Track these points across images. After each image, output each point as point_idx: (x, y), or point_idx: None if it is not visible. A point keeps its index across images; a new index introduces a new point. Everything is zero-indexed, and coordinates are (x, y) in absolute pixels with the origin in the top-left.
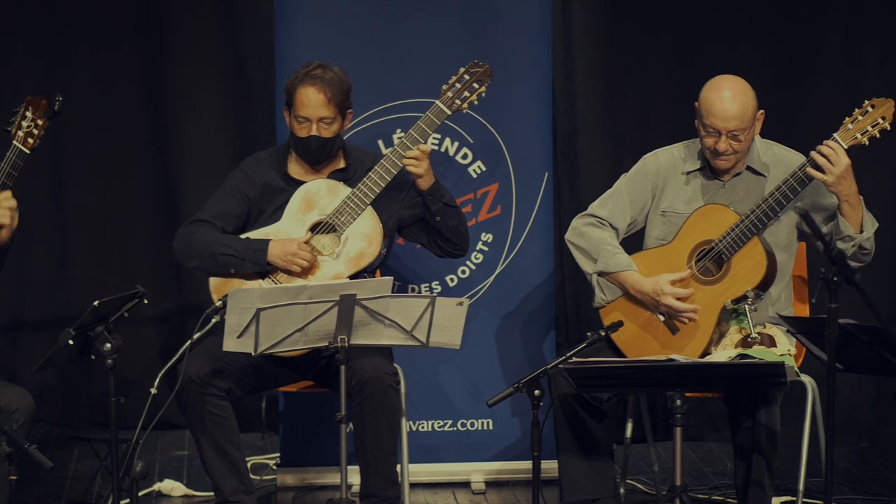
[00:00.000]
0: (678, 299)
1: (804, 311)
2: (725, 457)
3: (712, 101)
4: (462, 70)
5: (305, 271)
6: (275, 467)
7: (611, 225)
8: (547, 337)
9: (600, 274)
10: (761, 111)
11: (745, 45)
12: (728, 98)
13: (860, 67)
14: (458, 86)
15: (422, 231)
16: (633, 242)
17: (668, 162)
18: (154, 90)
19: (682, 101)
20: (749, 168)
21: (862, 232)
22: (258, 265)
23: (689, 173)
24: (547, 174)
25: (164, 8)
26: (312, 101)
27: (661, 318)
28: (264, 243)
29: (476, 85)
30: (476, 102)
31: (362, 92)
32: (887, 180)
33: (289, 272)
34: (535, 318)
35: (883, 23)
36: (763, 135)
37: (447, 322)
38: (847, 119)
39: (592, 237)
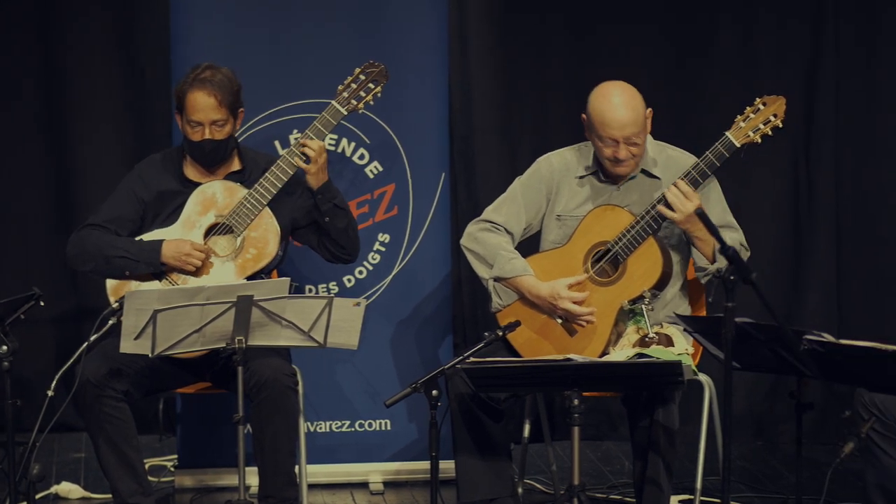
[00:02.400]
0: (575, 302)
1: (700, 311)
2: (623, 456)
3: (604, 111)
4: (358, 70)
5: (202, 272)
6: (172, 469)
7: (506, 230)
8: (444, 338)
9: (496, 279)
10: (649, 109)
11: (644, 27)
12: (619, 105)
13: (754, 41)
14: (354, 86)
15: (313, 233)
16: (529, 246)
17: (560, 165)
18: (49, 91)
19: (577, 101)
20: (643, 171)
21: (714, 262)
22: (152, 266)
23: (582, 177)
24: (444, 174)
25: (59, 7)
26: (203, 105)
27: (559, 321)
28: (158, 244)
29: (372, 85)
30: (372, 102)
31: (258, 92)
32: (779, 180)
33: (183, 272)
34: (433, 319)
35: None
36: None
37: (344, 323)
38: (739, 117)
39: (488, 242)
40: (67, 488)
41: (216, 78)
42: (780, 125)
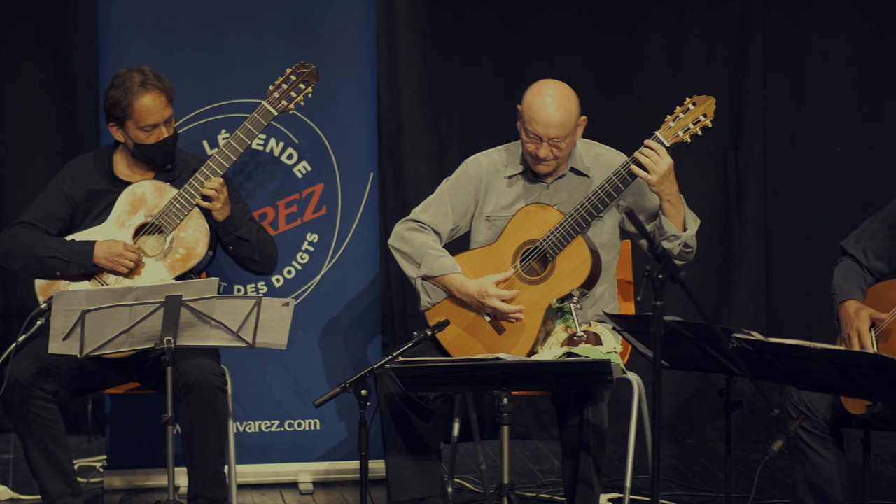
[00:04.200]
0: (503, 300)
1: (629, 310)
2: (553, 455)
3: (536, 107)
4: (289, 71)
5: (131, 272)
6: (102, 469)
7: (433, 229)
8: (373, 337)
9: (424, 278)
10: (583, 117)
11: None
12: (551, 104)
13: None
14: (285, 86)
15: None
16: (459, 247)
17: (489, 166)
18: None
19: (506, 100)
20: (572, 169)
21: (685, 230)
22: (84, 267)
23: (511, 177)
24: (372, 174)
25: None
26: (157, 107)
27: (487, 318)
28: (90, 245)
29: (303, 86)
30: (303, 103)
31: (187, 92)
32: (708, 179)
33: (115, 273)
34: (362, 319)
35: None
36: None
37: (273, 323)
38: (669, 117)
39: (415, 241)
40: None
41: (153, 77)
42: (710, 125)
